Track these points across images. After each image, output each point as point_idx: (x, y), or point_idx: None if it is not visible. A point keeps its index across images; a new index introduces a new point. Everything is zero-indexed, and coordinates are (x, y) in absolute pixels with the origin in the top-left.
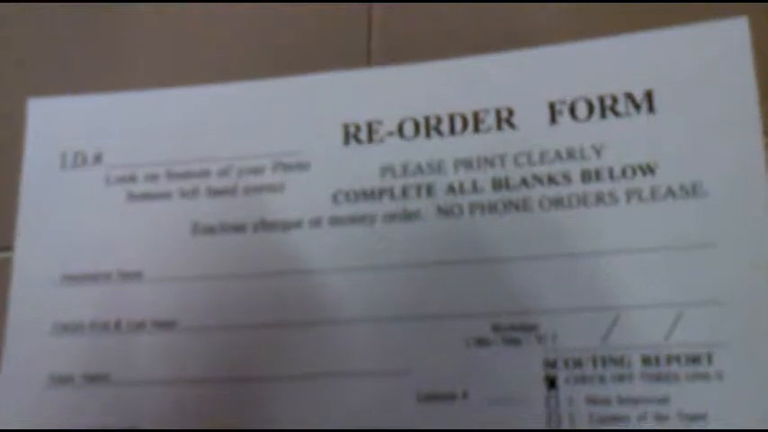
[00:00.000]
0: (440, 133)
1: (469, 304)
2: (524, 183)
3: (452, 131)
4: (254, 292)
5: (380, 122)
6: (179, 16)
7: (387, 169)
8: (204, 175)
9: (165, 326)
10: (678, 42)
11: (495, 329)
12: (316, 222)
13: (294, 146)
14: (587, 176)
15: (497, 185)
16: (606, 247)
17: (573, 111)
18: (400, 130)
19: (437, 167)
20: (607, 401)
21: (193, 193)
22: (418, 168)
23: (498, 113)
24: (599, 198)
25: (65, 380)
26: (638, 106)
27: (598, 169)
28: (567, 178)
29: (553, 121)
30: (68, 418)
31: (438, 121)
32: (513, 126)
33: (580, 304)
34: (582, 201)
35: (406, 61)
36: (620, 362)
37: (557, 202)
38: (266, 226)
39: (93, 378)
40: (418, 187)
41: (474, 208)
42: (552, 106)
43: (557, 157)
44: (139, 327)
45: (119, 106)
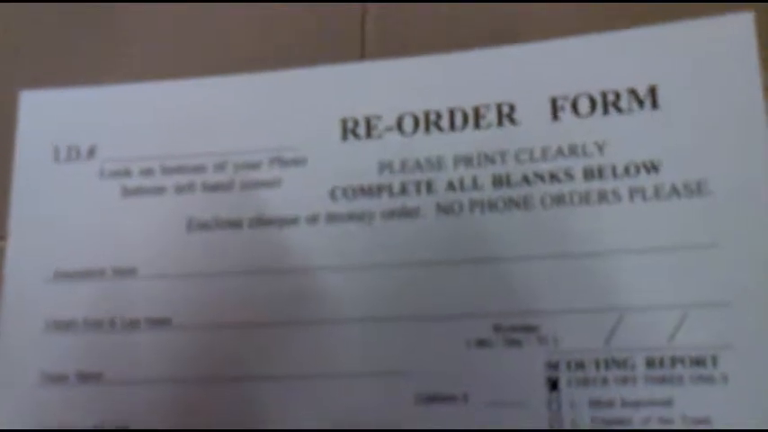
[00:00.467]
0: (440, 129)
1: (470, 304)
2: (526, 180)
3: (452, 127)
4: (250, 289)
5: (379, 117)
6: (174, 9)
7: (385, 165)
8: (200, 169)
9: (159, 323)
10: (683, 37)
11: (497, 330)
12: (313, 219)
13: (291, 141)
14: (590, 174)
15: (498, 182)
16: (609, 247)
17: (575, 106)
18: (399, 125)
19: (437, 164)
20: (610, 404)
21: (189, 188)
22: (417, 165)
23: (499, 109)
24: (602, 196)
25: (58, 378)
26: (641, 102)
27: (601, 166)
28: (569, 176)
29: (555, 117)
30: (61, 416)
31: (438, 117)
32: (514, 122)
33: (582, 305)
34: (584, 199)
35: (402, 57)
36: (623, 364)
37: (558, 199)
38: (262, 222)
39: (87, 377)
40: (418, 184)
41: (474, 205)
42: (554, 102)
43: (558, 153)
44: (134, 324)
45: (113, 99)
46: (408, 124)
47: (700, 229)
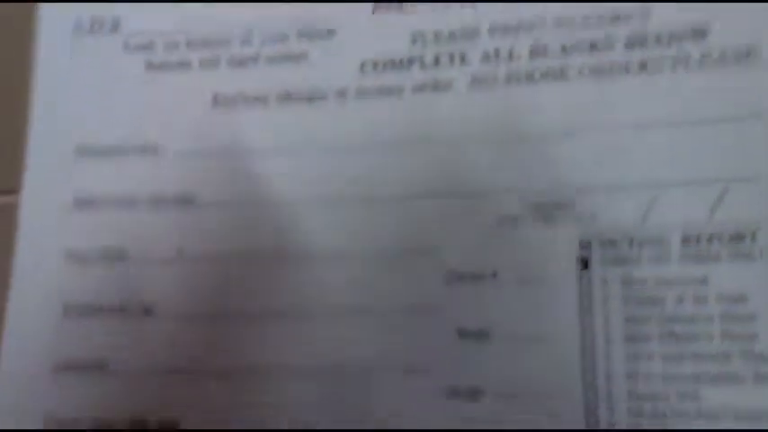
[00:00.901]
0: None
1: (502, 180)
2: (563, 50)
3: None
4: (277, 167)
5: None
6: None
7: (418, 37)
8: (225, 43)
9: (183, 201)
10: None
11: (529, 207)
12: (341, 94)
13: (320, 11)
14: (632, 42)
15: (535, 53)
16: (648, 120)
17: None
18: None
19: (471, 34)
20: (643, 283)
21: (214, 62)
22: (451, 35)
23: None
24: (642, 66)
25: (82, 256)
26: None
27: (644, 34)
28: (609, 45)
29: None
30: (85, 294)
31: None
32: None
33: (620, 181)
34: (624, 69)
35: None
36: (657, 242)
37: (597, 70)
38: (289, 98)
39: (111, 255)
40: (451, 55)
41: (510, 78)
42: None
43: (600, 21)
44: (157, 201)
45: None
46: None
47: (746, 98)
